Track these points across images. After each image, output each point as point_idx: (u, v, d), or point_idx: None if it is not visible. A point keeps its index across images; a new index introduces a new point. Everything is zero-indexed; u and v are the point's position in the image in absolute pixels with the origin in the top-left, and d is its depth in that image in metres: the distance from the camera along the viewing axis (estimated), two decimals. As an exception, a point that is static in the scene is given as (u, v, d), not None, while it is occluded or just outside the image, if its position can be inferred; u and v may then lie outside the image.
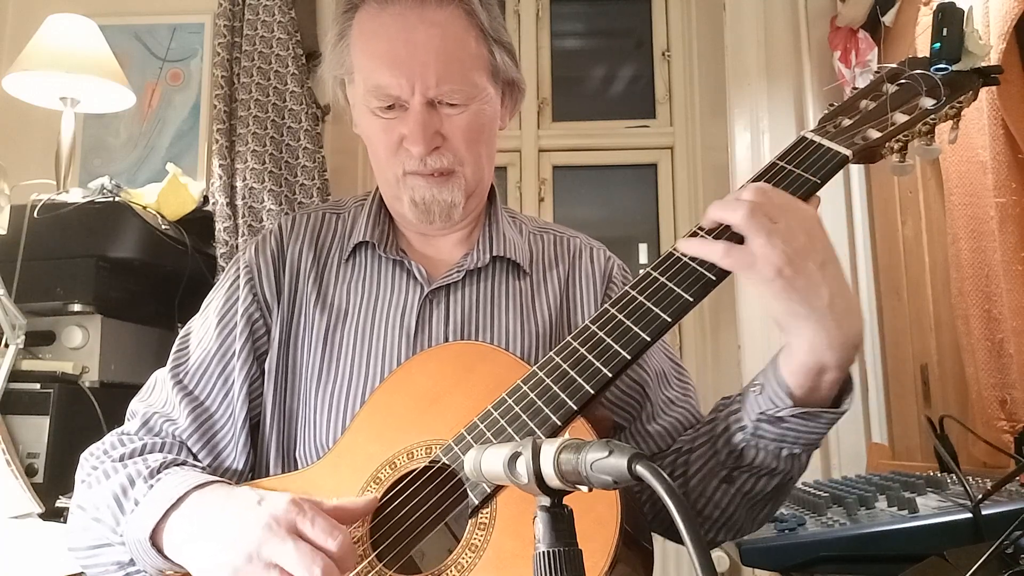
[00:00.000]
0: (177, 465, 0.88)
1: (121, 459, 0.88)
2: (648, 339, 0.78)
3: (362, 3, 0.95)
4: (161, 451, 0.91)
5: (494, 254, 1.02)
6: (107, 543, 0.85)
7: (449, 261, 1.03)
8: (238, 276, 1.01)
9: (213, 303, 1.01)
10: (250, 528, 0.74)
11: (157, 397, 0.97)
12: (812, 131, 0.87)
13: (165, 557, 0.80)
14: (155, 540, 0.80)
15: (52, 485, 1.61)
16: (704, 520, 0.90)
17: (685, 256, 0.81)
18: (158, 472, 0.85)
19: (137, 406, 0.98)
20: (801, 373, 0.79)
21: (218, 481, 0.85)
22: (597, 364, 0.78)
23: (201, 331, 1.00)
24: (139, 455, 0.89)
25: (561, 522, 0.52)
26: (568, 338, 0.81)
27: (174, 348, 1.00)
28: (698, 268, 0.80)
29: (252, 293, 1.00)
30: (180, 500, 0.80)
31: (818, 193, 0.82)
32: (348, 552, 0.73)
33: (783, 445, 0.83)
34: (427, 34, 0.91)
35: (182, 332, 1.02)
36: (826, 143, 0.85)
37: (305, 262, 1.02)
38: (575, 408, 0.77)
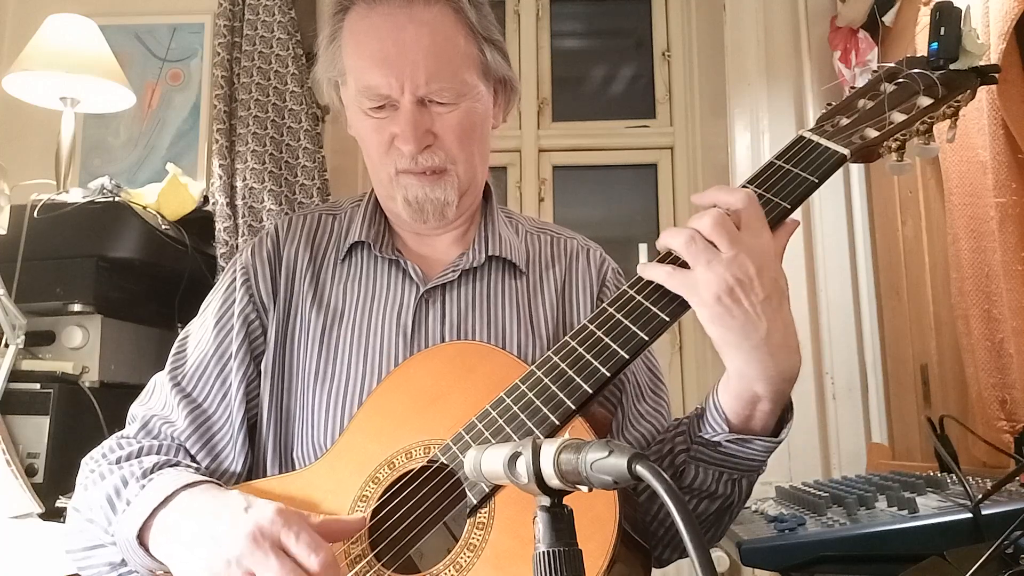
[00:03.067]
0: (171, 466, 0.88)
1: (117, 462, 0.88)
2: (646, 338, 0.78)
3: (352, 5, 0.95)
4: (158, 453, 0.91)
5: (490, 254, 1.02)
6: (100, 544, 0.86)
7: (445, 260, 1.03)
8: (234, 278, 1.01)
9: (211, 306, 1.02)
10: (234, 535, 0.74)
11: (156, 400, 0.97)
12: (810, 130, 0.87)
13: (152, 556, 0.80)
14: (142, 538, 0.80)
15: (52, 485, 1.61)
16: (650, 537, 0.92)
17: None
18: (151, 472, 0.85)
19: (137, 410, 0.98)
20: (736, 401, 0.81)
21: (208, 481, 0.85)
22: (595, 363, 0.78)
23: (199, 333, 1.00)
24: (135, 457, 0.89)
25: (561, 522, 0.52)
26: (566, 337, 0.81)
27: (172, 351, 1.00)
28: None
29: (248, 294, 1.00)
30: (168, 499, 0.80)
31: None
32: (330, 570, 0.72)
33: (722, 470, 0.85)
34: (416, 33, 0.92)
35: (180, 335, 1.03)
36: (824, 142, 0.85)
37: (301, 262, 1.02)
38: (574, 407, 0.77)
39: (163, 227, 1.94)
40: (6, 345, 1.67)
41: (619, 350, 0.78)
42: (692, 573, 0.45)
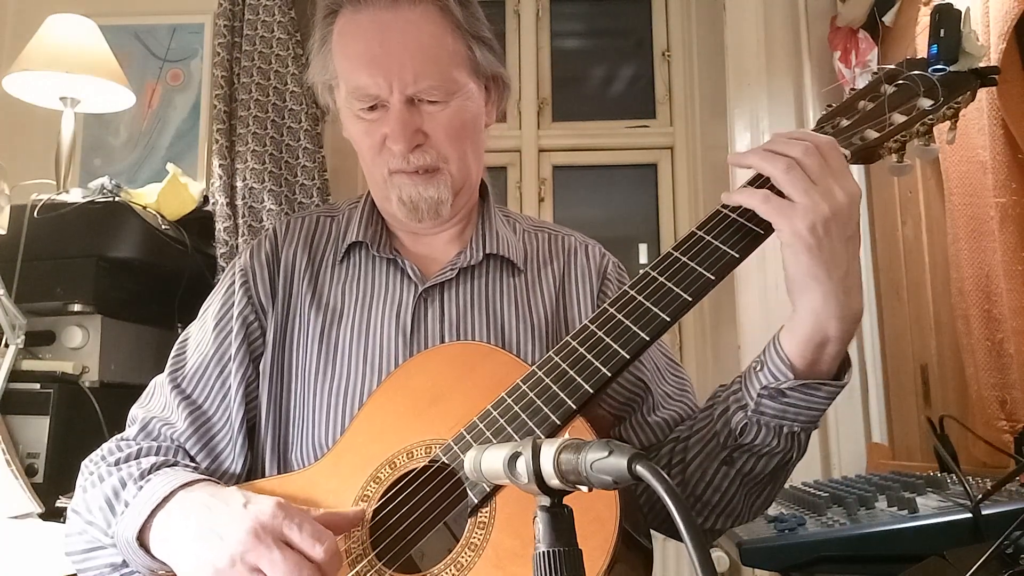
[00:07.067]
0: (168, 466, 0.88)
1: (116, 463, 0.89)
2: (647, 339, 0.78)
3: (340, 8, 0.96)
4: (157, 455, 0.91)
5: (487, 252, 1.02)
6: (100, 546, 0.86)
7: (442, 260, 1.03)
8: (233, 280, 1.02)
9: (210, 308, 1.02)
10: (235, 531, 0.74)
11: (156, 402, 0.98)
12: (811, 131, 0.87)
13: (153, 557, 0.81)
14: (142, 539, 0.81)
15: (52, 485, 1.61)
16: (703, 506, 0.90)
17: (684, 257, 0.81)
18: (148, 473, 0.86)
19: (136, 412, 0.98)
20: (805, 344, 0.80)
21: (206, 480, 0.85)
22: (596, 364, 0.78)
23: (198, 336, 1.01)
24: (134, 459, 0.89)
25: (561, 522, 0.52)
26: (567, 337, 0.81)
27: (172, 353, 1.01)
28: (696, 268, 0.80)
29: (247, 296, 1.00)
30: (166, 499, 0.81)
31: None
32: (335, 559, 0.73)
33: (784, 422, 0.83)
34: (402, 32, 0.92)
35: (180, 337, 1.03)
36: (825, 143, 0.85)
37: (300, 264, 1.02)
38: (575, 407, 0.77)
39: (163, 227, 1.94)
40: (6, 345, 1.68)
41: (620, 350, 0.78)
42: (692, 573, 0.45)
